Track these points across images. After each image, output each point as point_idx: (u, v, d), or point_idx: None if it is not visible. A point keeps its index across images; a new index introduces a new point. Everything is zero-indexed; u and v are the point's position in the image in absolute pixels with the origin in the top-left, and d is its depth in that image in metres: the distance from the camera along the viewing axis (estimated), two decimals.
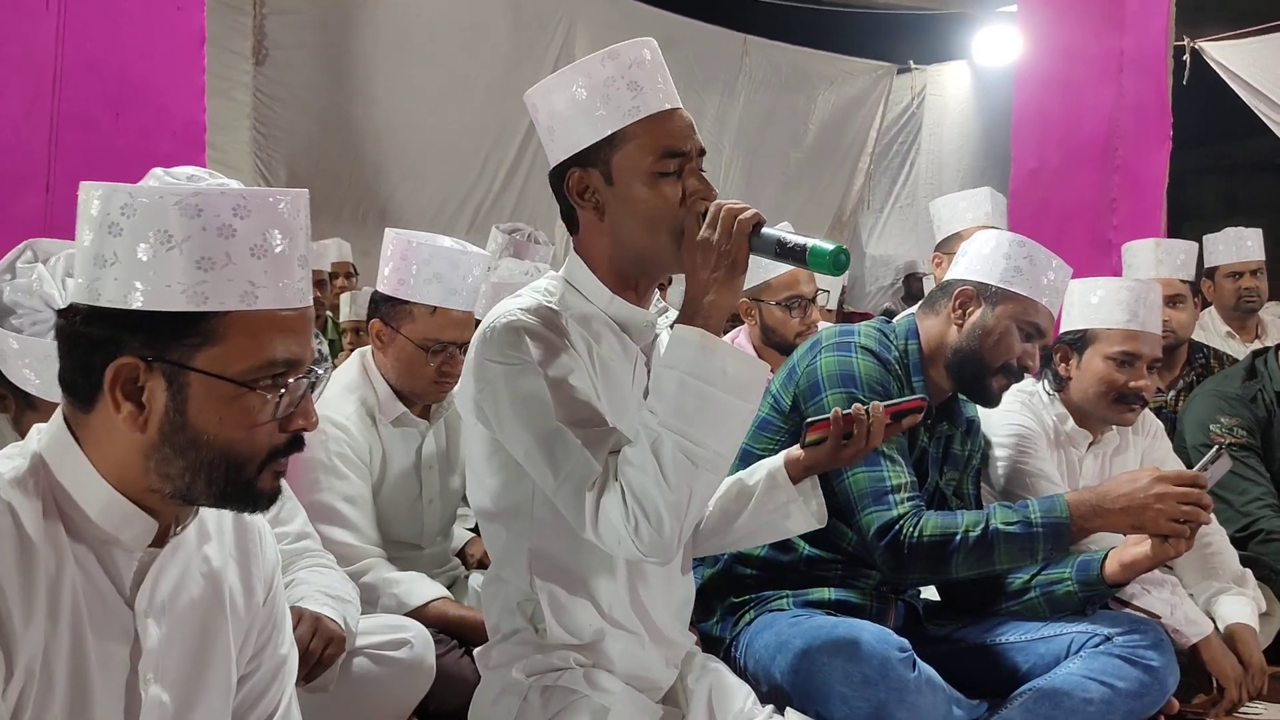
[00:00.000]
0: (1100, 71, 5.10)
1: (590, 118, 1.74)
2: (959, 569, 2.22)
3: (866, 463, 2.24)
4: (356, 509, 2.50)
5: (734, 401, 1.63)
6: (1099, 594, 2.38)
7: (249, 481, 1.23)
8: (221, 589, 1.35)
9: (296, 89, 7.10)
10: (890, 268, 10.09)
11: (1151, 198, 5.11)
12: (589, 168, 1.77)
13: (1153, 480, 2.16)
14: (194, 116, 3.06)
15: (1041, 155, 5.27)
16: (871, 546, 2.25)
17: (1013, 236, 2.51)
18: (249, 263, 1.18)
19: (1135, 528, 2.20)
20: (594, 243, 1.82)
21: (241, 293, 1.18)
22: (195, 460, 1.19)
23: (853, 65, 9.72)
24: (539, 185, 8.04)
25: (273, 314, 1.20)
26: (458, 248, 2.62)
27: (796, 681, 2.10)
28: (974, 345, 2.41)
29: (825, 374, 2.34)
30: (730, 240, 1.66)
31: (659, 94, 1.76)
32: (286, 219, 1.21)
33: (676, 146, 1.74)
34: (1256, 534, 3.30)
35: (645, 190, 1.74)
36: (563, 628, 1.82)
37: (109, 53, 2.89)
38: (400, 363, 2.61)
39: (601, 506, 1.62)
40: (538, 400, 1.68)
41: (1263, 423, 3.49)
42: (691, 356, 1.61)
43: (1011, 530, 2.19)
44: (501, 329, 1.72)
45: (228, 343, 1.18)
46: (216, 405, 1.18)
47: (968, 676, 2.30)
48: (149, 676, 1.25)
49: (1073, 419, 2.91)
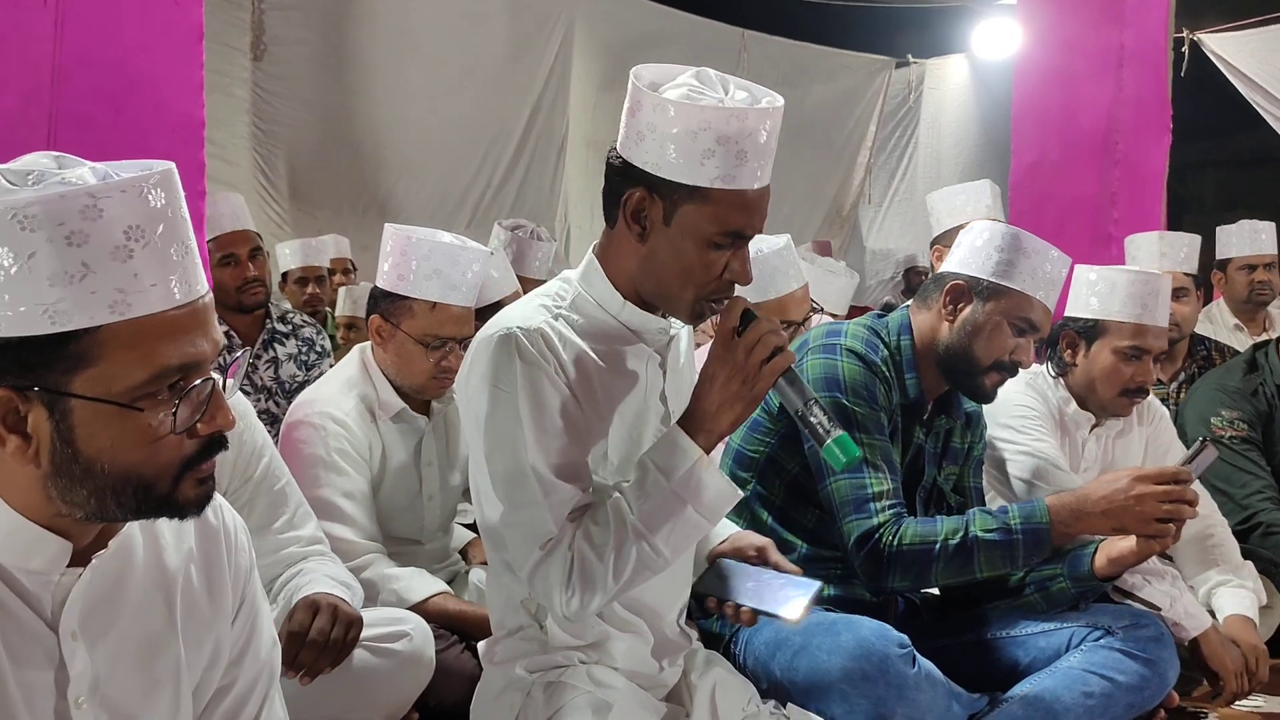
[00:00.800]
0: (1100, 64, 5.09)
1: (686, 159, 1.66)
2: (939, 577, 2.22)
3: (849, 470, 2.21)
4: (356, 505, 2.50)
5: (704, 522, 1.71)
6: (1091, 589, 2.38)
7: (165, 496, 1.13)
8: (173, 600, 1.27)
9: (295, 84, 7.10)
10: (890, 261, 10.09)
11: (1152, 191, 5.10)
12: (656, 197, 1.71)
13: (1132, 481, 2.16)
14: (192, 112, 3.05)
15: (1041, 148, 5.27)
16: (852, 556, 2.24)
17: (1005, 228, 2.45)
18: (111, 268, 1.04)
19: (1116, 530, 2.20)
20: (623, 256, 1.79)
21: (110, 304, 1.04)
22: (97, 486, 1.09)
23: (850, 59, 9.72)
24: (538, 180, 8.05)
25: (155, 319, 1.07)
26: (457, 243, 2.61)
27: (796, 678, 2.09)
28: (964, 342, 2.37)
29: (811, 377, 2.31)
30: (760, 377, 1.66)
31: (760, 172, 1.70)
32: (150, 207, 1.07)
33: (743, 230, 1.71)
34: (1257, 527, 3.31)
35: (695, 250, 1.71)
36: (565, 631, 1.83)
37: (107, 49, 2.88)
38: (400, 358, 2.60)
39: (545, 566, 1.68)
40: (510, 436, 1.69)
41: (1263, 416, 3.50)
42: (683, 474, 1.67)
43: (991, 538, 2.19)
44: (496, 346, 1.71)
45: (105, 361, 1.06)
46: (106, 429, 1.07)
47: (967, 671, 2.29)
48: (80, 701, 1.17)
49: (1075, 402, 2.91)
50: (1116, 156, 5.04)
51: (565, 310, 1.80)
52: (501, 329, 1.72)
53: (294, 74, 7.08)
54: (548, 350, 1.72)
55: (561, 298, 1.82)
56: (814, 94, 9.49)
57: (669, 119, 1.65)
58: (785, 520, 2.42)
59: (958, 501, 2.53)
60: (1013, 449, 2.77)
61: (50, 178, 1.08)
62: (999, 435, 2.80)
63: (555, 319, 1.77)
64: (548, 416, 1.69)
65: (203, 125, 3.08)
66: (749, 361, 1.65)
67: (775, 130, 1.71)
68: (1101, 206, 5.06)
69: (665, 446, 1.70)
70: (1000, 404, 2.73)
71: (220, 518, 1.35)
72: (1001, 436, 2.79)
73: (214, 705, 1.34)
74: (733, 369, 1.66)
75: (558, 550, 1.66)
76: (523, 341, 1.70)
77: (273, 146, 7.09)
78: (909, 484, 2.45)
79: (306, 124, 7.19)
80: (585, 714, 1.75)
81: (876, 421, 2.30)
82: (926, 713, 2.07)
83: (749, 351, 1.65)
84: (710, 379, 1.69)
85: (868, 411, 2.29)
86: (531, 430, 1.68)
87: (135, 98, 2.93)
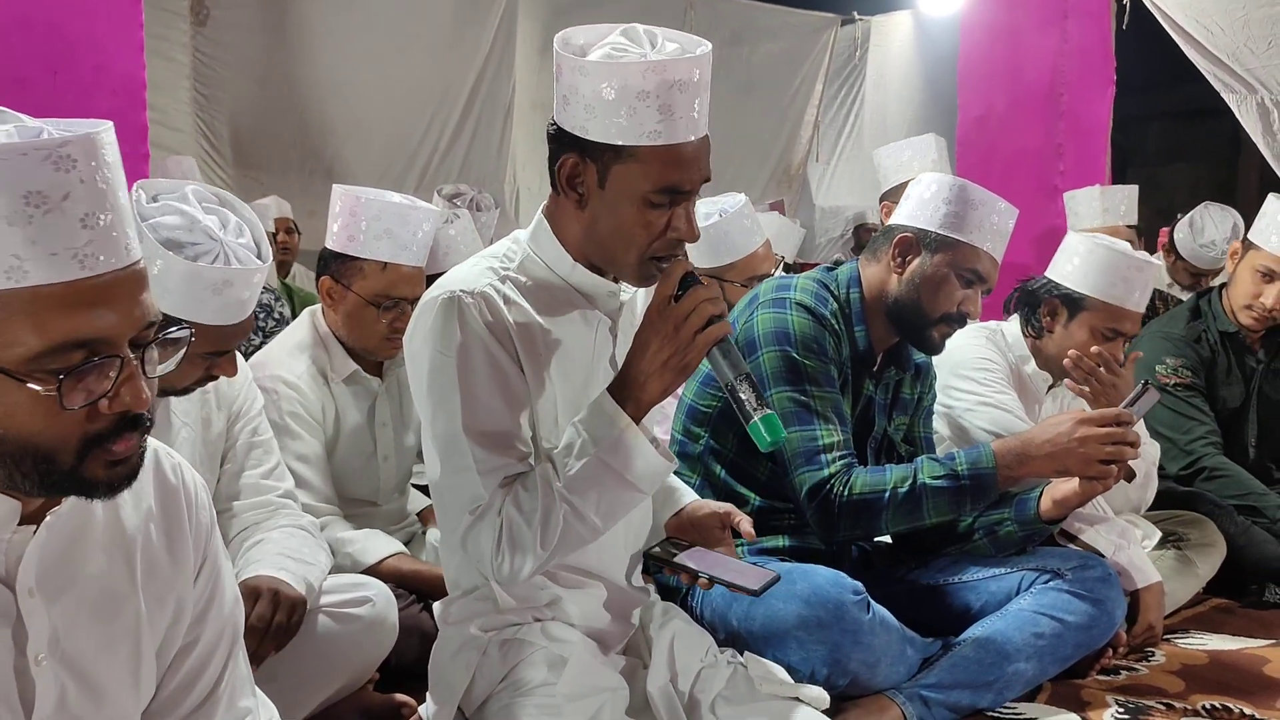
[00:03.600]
0: (1044, 18, 5.14)
1: (609, 119, 1.63)
2: (889, 524, 2.26)
3: (800, 421, 2.26)
4: (311, 468, 2.49)
5: (633, 493, 1.69)
6: (1038, 531, 2.42)
7: (69, 471, 1.07)
8: (133, 558, 1.26)
9: (237, 49, 6.98)
10: (839, 219, 10.11)
11: (1096, 143, 5.16)
12: (588, 160, 1.69)
13: (1075, 424, 2.20)
14: (133, 73, 3.00)
15: (987, 102, 5.31)
16: (804, 507, 2.27)
17: (952, 180, 2.46)
18: (7, 233, 0.99)
19: (1061, 472, 2.24)
20: (567, 223, 1.78)
21: (4, 269, 1.00)
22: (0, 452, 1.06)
23: (796, 17, 9.67)
24: (486, 142, 7.98)
25: (54, 288, 1.01)
26: (407, 203, 2.60)
27: (753, 627, 2.13)
28: (913, 294, 2.39)
29: (761, 331, 2.33)
30: (692, 346, 1.63)
31: (688, 125, 1.66)
32: (58, 173, 1.01)
33: (679, 185, 1.68)
34: (1201, 471, 3.39)
35: (633, 211, 1.68)
36: (514, 598, 1.83)
37: (43, 10, 2.83)
38: (351, 320, 2.59)
39: (475, 530, 1.68)
40: (448, 400, 1.69)
41: (1207, 363, 3.57)
42: (610, 441, 1.64)
43: (938, 484, 2.22)
44: (439, 310, 1.70)
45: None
46: (2, 396, 1.03)
47: (921, 616, 2.34)
48: (40, 658, 1.16)
49: (1034, 362, 2.95)
50: (1061, 109, 5.10)
51: (513, 272, 1.79)
52: (445, 291, 1.71)
53: (236, 38, 6.95)
54: (491, 315, 1.70)
55: (510, 259, 1.81)
56: (760, 52, 9.44)
57: (588, 81, 1.63)
58: (738, 473, 2.44)
59: (908, 451, 2.57)
60: (973, 399, 2.81)
61: None
62: (960, 387, 2.83)
63: (502, 281, 1.76)
64: (483, 384, 1.68)
65: (144, 86, 3.04)
66: (683, 330, 1.62)
67: (704, 80, 1.67)
68: (1047, 158, 5.11)
69: (593, 413, 1.68)
70: (961, 358, 2.79)
71: (180, 477, 1.34)
72: (962, 388, 2.83)
73: (178, 663, 1.34)
74: (665, 337, 1.63)
75: (487, 515, 1.67)
76: (465, 304, 1.69)
77: (215, 112, 6.97)
78: (859, 435, 2.48)
79: (249, 88, 7.07)
80: (541, 669, 1.76)
81: (827, 374, 2.32)
82: (881, 657, 2.12)
83: (684, 320, 1.62)
84: (643, 346, 1.66)
85: (818, 364, 2.31)
86: (466, 397, 1.67)
87: (73, 60, 2.88)
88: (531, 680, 1.76)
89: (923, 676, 2.23)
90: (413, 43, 7.54)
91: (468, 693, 1.82)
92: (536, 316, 1.76)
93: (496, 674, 1.80)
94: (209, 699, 1.37)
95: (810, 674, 2.05)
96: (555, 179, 1.74)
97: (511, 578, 1.70)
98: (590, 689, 1.75)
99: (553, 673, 1.75)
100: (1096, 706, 2.37)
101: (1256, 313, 3.47)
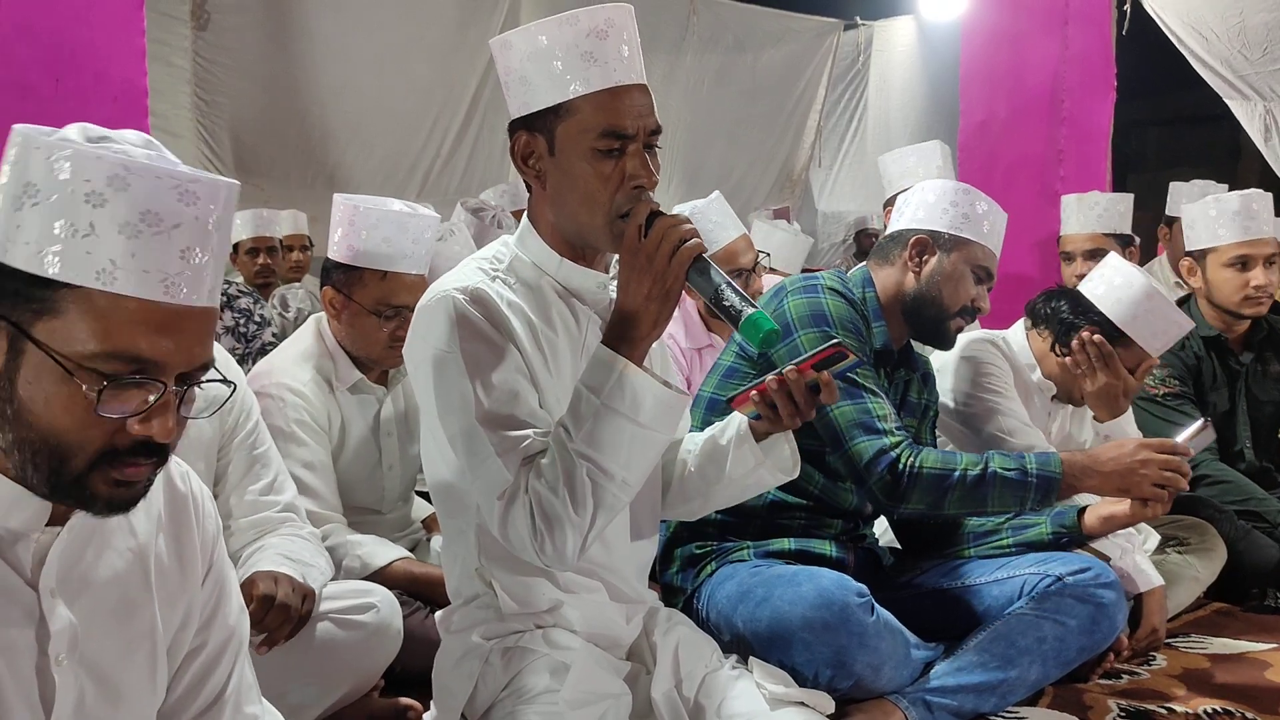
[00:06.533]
0: (1046, 23, 5.14)
1: (541, 83, 1.68)
2: (952, 505, 2.28)
3: (849, 396, 2.28)
4: (316, 475, 2.49)
5: (649, 434, 1.64)
6: (1070, 538, 2.47)
7: (78, 478, 1.11)
8: (147, 563, 1.28)
9: (238, 54, 6.96)
10: (841, 224, 10.11)
11: (1097, 148, 5.16)
12: (536, 133, 1.72)
13: (1138, 447, 2.27)
14: (134, 80, 3.01)
15: (989, 108, 5.32)
16: (865, 474, 2.28)
17: (956, 185, 2.60)
18: (114, 239, 1.06)
19: (1121, 490, 2.29)
20: (540, 210, 1.80)
21: (98, 269, 1.06)
22: (19, 437, 1.10)
23: (799, 22, 9.68)
24: (488, 147, 7.97)
25: (136, 302, 1.08)
26: (407, 210, 2.60)
27: (759, 629, 2.13)
28: (934, 291, 2.49)
29: (795, 316, 2.37)
30: (669, 272, 1.63)
31: (616, 68, 1.68)
32: (179, 204, 1.09)
33: (620, 127, 1.68)
34: (1201, 478, 3.38)
35: (584, 166, 1.69)
36: (516, 602, 1.82)
37: (45, 17, 2.83)
38: (354, 329, 2.59)
39: (509, 515, 1.64)
40: (459, 394, 1.67)
41: (1193, 370, 3.59)
42: (612, 386, 1.61)
43: (1008, 475, 2.26)
44: (433, 311, 1.70)
45: (67, 319, 1.07)
46: (45, 383, 1.08)
47: (925, 620, 2.34)
48: (60, 658, 1.19)
49: (1040, 370, 2.97)
50: (1062, 115, 5.10)
51: (502, 273, 1.80)
52: (438, 294, 1.72)
53: (237, 43, 6.93)
54: (486, 308, 1.71)
55: (499, 260, 1.82)
56: (763, 58, 9.46)
57: (515, 54, 1.70)
58: None
59: None
60: (982, 404, 2.85)
61: (110, 141, 1.12)
62: (970, 391, 2.88)
63: (492, 280, 1.77)
64: (489, 370, 1.67)
65: (145, 94, 3.04)
66: (656, 259, 1.62)
67: (624, 26, 1.70)
68: (1048, 164, 5.12)
69: (591, 366, 1.66)
70: (970, 365, 2.86)
71: (188, 484, 1.36)
72: (972, 393, 2.87)
73: (186, 666, 1.36)
74: (640, 270, 1.63)
75: (517, 496, 1.63)
76: (460, 301, 1.69)
77: (216, 118, 6.96)
78: None
79: (250, 94, 7.05)
80: (543, 676, 1.76)
81: (864, 353, 2.37)
82: (885, 660, 2.12)
83: (655, 249, 1.62)
84: (623, 286, 1.65)
85: (856, 344, 2.35)
86: (475, 387, 1.66)
87: (75, 67, 2.89)
88: (534, 687, 1.76)
89: (926, 680, 2.25)
90: (415, 47, 7.54)
91: (471, 701, 1.81)
92: (527, 312, 1.76)
93: (499, 682, 1.80)
94: (215, 704, 1.38)
95: (814, 676, 2.06)
96: (516, 165, 1.77)
97: (559, 556, 1.63)
98: (593, 696, 1.75)
99: (555, 680, 1.75)
100: (1098, 711, 2.38)
101: (1257, 297, 3.50)
